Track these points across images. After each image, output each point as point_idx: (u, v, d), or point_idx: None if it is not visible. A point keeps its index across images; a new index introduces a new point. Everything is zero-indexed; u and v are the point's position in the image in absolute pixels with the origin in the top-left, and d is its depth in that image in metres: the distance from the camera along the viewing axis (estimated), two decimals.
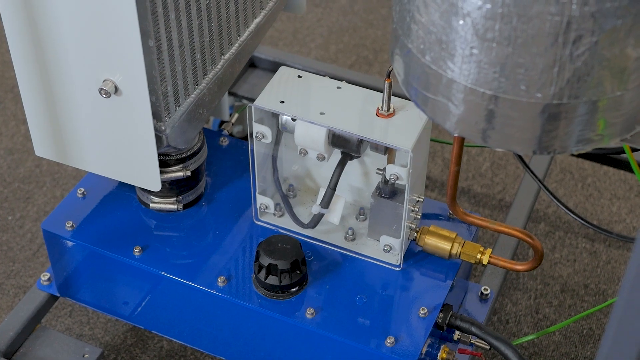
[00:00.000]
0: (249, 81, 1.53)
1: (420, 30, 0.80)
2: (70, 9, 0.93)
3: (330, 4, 1.98)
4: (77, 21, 0.94)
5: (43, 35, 0.97)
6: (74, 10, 0.93)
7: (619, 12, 0.71)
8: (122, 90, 0.97)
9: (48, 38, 0.96)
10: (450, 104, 0.81)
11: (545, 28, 0.73)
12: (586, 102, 0.77)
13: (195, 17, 1.00)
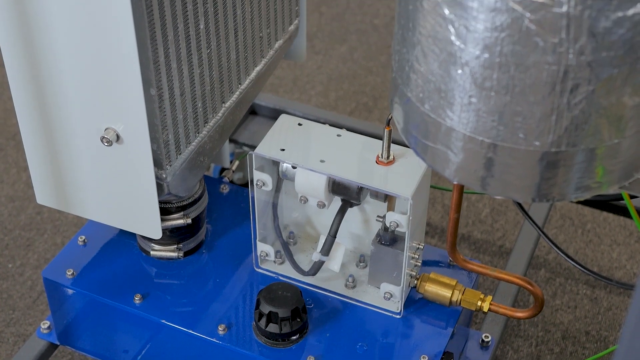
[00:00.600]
0: (250, 128, 1.54)
1: (419, 79, 0.81)
2: (73, 58, 0.94)
3: (330, 52, 2.00)
4: (79, 70, 0.95)
5: (46, 84, 0.98)
6: (77, 59, 0.94)
7: (615, 62, 0.72)
8: (123, 138, 0.97)
9: (51, 86, 0.97)
10: (449, 152, 0.82)
11: (542, 77, 0.73)
12: (584, 150, 0.78)
13: (196, 66, 1.01)
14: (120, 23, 0.88)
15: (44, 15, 0.92)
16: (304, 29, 1.28)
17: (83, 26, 0.91)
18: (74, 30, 0.92)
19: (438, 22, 0.76)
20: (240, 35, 1.09)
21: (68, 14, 0.91)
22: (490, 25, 0.72)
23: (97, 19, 0.90)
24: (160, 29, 0.92)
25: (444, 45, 0.76)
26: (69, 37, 0.93)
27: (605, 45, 0.71)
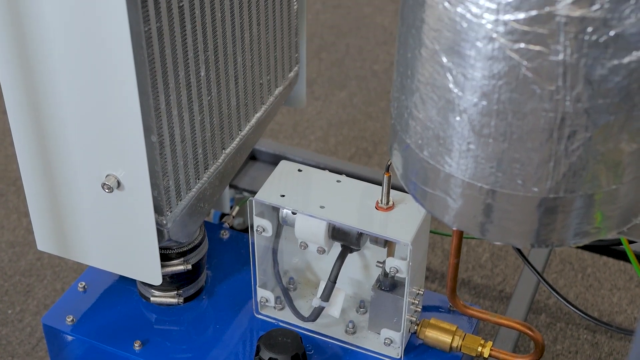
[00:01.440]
0: (250, 174, 1.55)
1: (418, 126, 0.82)
2: (75, 104, 0.95)
3: (329, 97, 2.01)
4: (81, 116, 0.95)
5: (47, 130, 0.98)
6: (79, 106, 0.95)
7: (611, 109, 0.73)
8: (124, 185, 0.98)
9: (52, 132, 0.98)
10: (448, 198, 0.83)
11: (540, 124, 0.74)
12: (582, 196, 0.78)
13: (197, 113, 1.02)
14: (122, 71, 0.89)
15: (47, 62, 0.93)
16: (303, 75, 1.30)
17: (85, 73, 0.92)
18: (77, 77, 0.93)
19: (436, 70, 0.77)
20: (240, 82, 1.10)
21: (71, 62, 0.92)
22: (487, 73, 0.73)
23: (100, 67, 0.91)
24: (162, 77, 0.93)
25: (442, 92, 0.77)
26: (71, 84, 0.93)
27: (602, 92, 0.72)
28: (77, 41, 0.90)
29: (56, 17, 0.89)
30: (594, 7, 0.68)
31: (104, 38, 0.89)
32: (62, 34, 0.90)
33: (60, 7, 0.88)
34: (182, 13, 0.94)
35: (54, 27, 0.90)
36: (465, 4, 0.71)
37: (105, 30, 0.88)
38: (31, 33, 0.92)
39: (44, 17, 0.90)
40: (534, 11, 0.69)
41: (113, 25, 0.87)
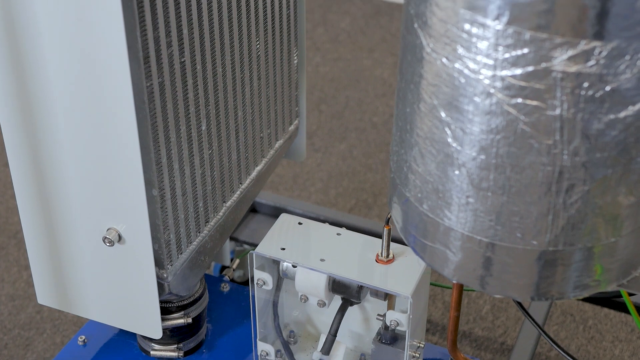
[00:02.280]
0: (250, 226, 1.55)
1: (417, 180, 0.82)
2: (77, 159, 0.96)
3: (329, 149, 2.02)
4: (82, 171, 0.96)
5: (49, 183, 0.99)
6: (81, 160, 0.96)
7: (608, 162, 0.74)
8: (125, 238, 0.98)
9: (54, 186, 0.99)
10: (448, 252, 0.83)
11: (538, 178, 0.75)
12: (581, 249, 0.79)
13: (198, 167, 1.03)
14: (124, 126, 0.90)
15: (50, 116, 0.94)
16: (304, 129, 1.31)
17: (88, 127, 0.93)
18: (79, 132, 0.94)
19: (435, 125, 0.78)
20: (241, 136, 1.11)
21: (74, 116, 0.93)
22: (485, 128, 0.74)
23: (102, 121, 0.92)
24: (163, 131, 0.94)
25: (441, 146, 0.78)
26: (73, 138, 0.94)
27: (599, 146, 0.73)
28: (80, 96, 0.91)
29: (61, 73, 0.90)
30: (589, 63, 0.69)
31: (106, 93, 0.90)
32: (66, 90, 0.91)
33: (64, 62, 0.90)
34: (184, 69, 0.95)
35: (58, 83, 0.91)
36: (463, 60, 0.72)
37: (108, 85, 0.89)
38: (35, 88, 0.93)
39: (49, 73, 0.91)
40: (530, 67, 0.70)
41: (115, 81, 0.88)
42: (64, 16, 0.86)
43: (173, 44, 0.91)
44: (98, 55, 0.88)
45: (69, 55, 0.89)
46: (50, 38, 0.89)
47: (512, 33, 0.69)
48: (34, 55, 0.91)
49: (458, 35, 0.72)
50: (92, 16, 0.85)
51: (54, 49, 0.89)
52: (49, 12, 0.87)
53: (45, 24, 0.88)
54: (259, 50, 1.11)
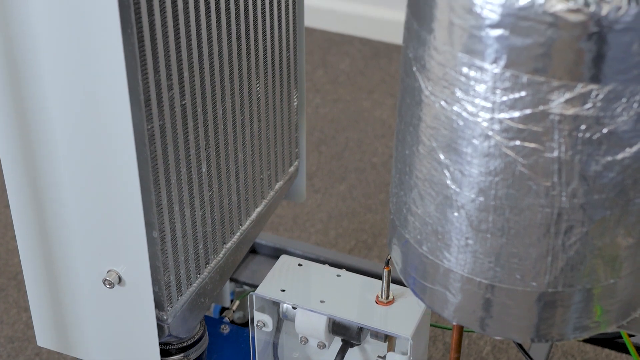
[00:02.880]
0: (250, 267, 1.55)
1: (416, 222, 0.83)
2: (77, 201, 0.96)
3: (329, 190, 2.03)
4: (83, 213, 0.97)
5: (50, 226, 0.99)
6: (81, 202, 0.96)
7: (607, 204, 0.74)
8: (125, 280, 0.98)
9: (54, 228, 0.99)
10: (447, 293, 0.83)
11: (536, 219, 0.75)
12: (581, 290, 0.79)
13: (198, 209, 1.03)
14: (125, 168, 0.91)
15: (52, 159, 0.94)
16: (303, 170, 1.31)
17: (88, 170, 0.93)
18: (80, 175, 0.94)
19: (434, 167, 0.78)
20: (241, 177, 1.12)
21: (75, 159, 0.93)
22: (484, 170, 0.75)
23: (103, 164, 0.92)
24: (164, 173, 0.95)
25: (440, 188, 0.79)
26: (74, 181, 0.95)
27: (597, 188, 0.73)
28: (81, 137, 0.92)
29: (62, 115, 0.91)
30: (586, 105, 0.69)
31: (107, 135, 0.90)
32: (67, 131, 0.92)
33: (66, 104, 0.90)
34: (185, 111, 0.96)
35: (59, 124, 0.92)
36: (461, 103, 0.73)
37: (109, 128, 0.90)
38: (37, 129, 0.93)
39: (51, 114, 0.92)
40: (528, 110, 0.70)
41: (116, 123, 0.89)
42: (66, 59, 0.87)
43: (174, 87, 0.92)
44: (99, 98, 0.88)
45: (71, 96, 0.90)
46: (53, 80, 0.89)
47: (509, 76, 0.70)
48: (35, 96, 0.91)
49: (456, 79, 0.73)
50: (94, 59, 0.86)
51: (56, 90, 0.90)
52: (52, 55, 0.88)
53: (48, 67, 0.89)
54: (259, 93, 1.12)
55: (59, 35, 0.86)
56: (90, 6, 0.83)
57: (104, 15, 0.83)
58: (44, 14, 0.86)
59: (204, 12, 0.95)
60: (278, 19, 1.13)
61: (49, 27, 0.86)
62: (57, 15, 0.85)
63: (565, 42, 0.67)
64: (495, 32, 0.69)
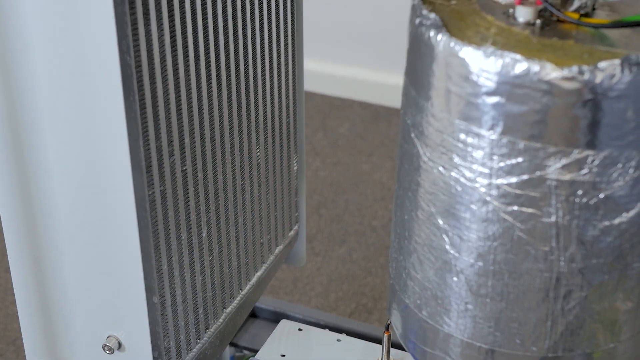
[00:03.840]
0: (250, 331, 1.54)
1: (416, 287, 0.83)
2: (77, 267, 0.96)
3: (329, 253, 2.03)
4: (83, 279, 0.97)
5: (49, 292, 0.99)
6: (82, 268, 0.96)
7: (605, 268, 0.74)
8: (125, 346, 0.98)
9: (54, 294, 0.99)
10: (447, 358, 0.83)
11: (535, 284, 0.76)
12: (581, 355, 0.79)
13: (198, 274, 1.03)
14: (126, 234, 0.91)
15: (52, 223, 0.95)
16: (303, 234, 1.32)
17: (89, 235, 0.94)
18: (80, 240, 0.95)
19: (433, 232, 0.79)
20: (241, 242, 1.12)
21: (76, 223, 0.94)
22: (482, 235, 0.75)
23: (103, 228, 0.93)
24: (164, 239, 0.95)
25: (439, 253, 0.79)
26: (74, 246, 0.95)
27: (595, 252, 0.74)
28: (82, 203, 0.92)
29: (64, 180, 0.92)
30: (582, 171, 0.70)
31: (108, 200, 0.91)
32: (68, 197, 0.93)
33: (67, 170, 0.91)
34: (185, 177, 0.96)
35: (61, 190, 0.93)
36: (459, 169, 0.74)
37: (110, 193, 0.90)
38: (38, 194, 0.94)
39: (52, 181, 0.93)
40: (525, 175, 0.71)
41: (118, 189, 0.89)
42: (69, 124, 0.89)
43: (175, 153, 0.93)
44: (101, 163, 0.89)
45: (73, 161, 0.90)
46: (55, 144, 0.90)
47: (506, 143, 0.71)
48: (38, 161, 0.92)
49: (454, 145, 0.74)
50: (97, 125, 0.87)
51: (59, 154, 0.91)
52: (55, 119, 0.89)
53: (51, 131, 0.90)
54: (260, 158, 1.13)
55: (63, 101, 0.88)
56: (94, 74, 0.85)
57: (107, 83, 0.84)
58: (48, 78, 0.87)
59: (205, 79, 0.96)
60: (278, 84, 1.15)
61: (53, 91, 0.88)
62: (61, 81, 0.87)
63: (561, 109, 0.68)
64: (491, 99, 0.70)
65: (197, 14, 0.91)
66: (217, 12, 0.96)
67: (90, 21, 0.82)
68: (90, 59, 0.84)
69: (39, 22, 0.84)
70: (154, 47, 0.85)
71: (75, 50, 0.84)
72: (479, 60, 0.69)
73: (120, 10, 0.80)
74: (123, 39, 0.81)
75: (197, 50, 0.93)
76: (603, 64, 0.67)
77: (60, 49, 0.85)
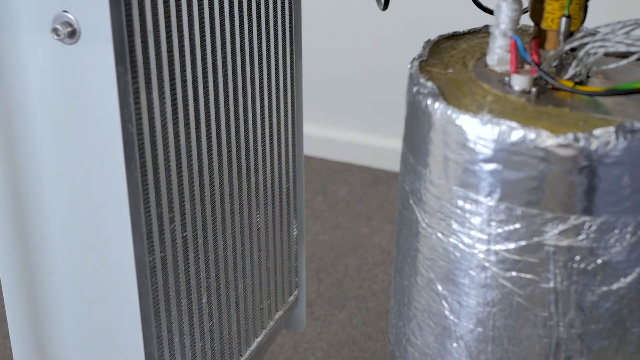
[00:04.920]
0: None
1: (416, 352, 0.83)
2: (78, 333, 0.96)
3: (329, 318, 2.02)
4: (84, 345, 0.97)
5: (50, 358, 0.99)
6: (82, 333, 0.96)
7: (604, 334, 0.74)
8: None
9: (54, 356, 0.99)
10: None
11: (535, 349, 0.75)
12: None
13: (198, 340, 1.03)
14: (126, 301, 0.92)
15: (52, 287, 0.95)
16: (303, 299, 1.32)
17: (89, 301, 0.94)
18: (81, 306, 0.95)
19: (432, 298, 0.79)
20: (241, 307, 1.12)
21: (77, 290, 0.94)
22: (482, 301, 0.75)
23: (104, 295, 0.93)
24: (164, 305, 0.95)
25: (439, 319, 0.79)
26: (75, 312, 0.95)
27: (594, 318, 0.74)
28: (83, 269, 0.93)
29: (65, 246, 0.92)
30: (580, 236, 0.71)
31: (109, 267, 0.91)
32: (70, 263, 0.93)
33: (69, 236, 0.92)
34: (185, 243, 0.97)
35: (62, 256, 0.93)
36: (458, 235, 0.75)
37: (111, 260, 0.91)
38: (39, 260, 0.94)
39: (54, 247, 0.93)
40: (523, 241, 0.72)
41: (119, 255, 0.90)
42: (71, 191, 0.89)
43: (176, 219, 0.94)
44: (102, 230, 0.90)
45: (74, 228, 0.91)
46: (56, 210, 0.91)
47: (504, 209, 0.71)
48: (39, 228, 0.93)
49: (452, 211, 0.74)
50: (98, 192, 0.88)
51: (59, 221, 0.92)
52: (57, 187, 0.90)
53: (53, 198, 0.91)
54: (259, 224, 1.14)
55: (64, 167, 0.89)
56: (96, 141, 0.86)
57: (109, 150, 0.85)
58: (51, 144, 0.88)
59: (206, 145, 0.98)
60: (278, 149, 1.16)
61: (55, 157, 0.89)
62: (63, 147, 0.88)
63: (557, 176, 0.69)
64: (488, 166, 0.71)
65: (198, 81, 0.93)
66: (218, 80, 0.97)
67: (93, 90, 0.83)
68: (92, 127, 0.85)
69: (43, 89, 0.85)
70: (155, 115, 0.86)
71: (78, 117, 0.85)
72: (475, 128, 0.70)
73: (123, 80, 0.81)
74: (125, 108, 0.83)
75: (198, 117, 0.95)
76: (598, 131, 0.68)
77: (63, 116, 0.86)
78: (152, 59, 0.84)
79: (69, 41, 0.81)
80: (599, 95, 0.74)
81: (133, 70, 0.82)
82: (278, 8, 1.09)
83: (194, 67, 0.92)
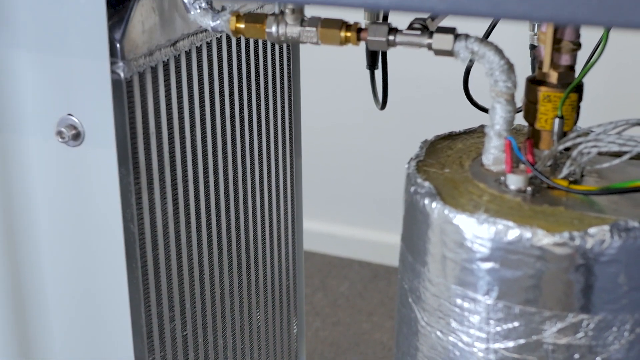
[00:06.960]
0: None
1: None
2: None
3: None
4: None
5: None
6: None
7: None
8: None
9: None
10: None
11: None
12: None
13: None
14: None
15: None
16: None
17: None
18: None
19: None
20: None
21: None
22: None
23: None
24: None
25: None
26: None
27: None
28: (81, 352, 0.93)
29: (65, 347, 0.92)
30: (578, 334, 0.71)
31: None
32: (69, 345, 0.93)
33: (68, 333, 0.92)
34: (186, 342, 0.97)
35: (62, 357, 0.93)
36: (457, 333, 0.75)
37: (112, 359, 0.91)
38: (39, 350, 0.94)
39: (54, 347, 0.93)
40: (522, 339, 0.72)
41: (119, 355, 0.90)
42: (72, 289, 0.90)
43: (176, 318, 0.94)
44: (102, 330, 0.90)
45: (74, 327, 0.91)
46: (57, 307, 0.91)
47: (502, 307, 0.72)
48: (39, 324, 0.93)
49: (451, 310, 0.75)
50: (99, 291, 0.89)
51: (60, 320, 0.92)
52: (58, 283, 0.90)
53: (54, 295, 0.91)
54: (260, 322, 1.14)
55: (66, 265, 0.89)
56: (97, 240, 0.87)
57: (110, 250, 0.86)
58: (52, 243, 0.89)
59: (206, 245, 0.98)
60: (278, 247, 1.17)
61: (56, 255, 0.89)
62: (64, 245, 0.88)
63: (554, 274, 0.70)
64: (486, 265, 0.71)
65: (199, 181, 0.94)
66: (219, 179, 0.99)
67: (96, 191, 0.84)
68: (95, 226, 0.86)
69: (47, 189, 0.87)
70: (157, 214, 0.88)
71: (81, 217, 0.86)
72: (472, 227, 0.71)
73: (126, 181, 0.82)
74: (127, 208, 0.84)
75: (199, 217, 0.96)
76: (593, 229, 0.69)
77: (66, 215, 0.87)
78: (154, 160, 0.85)
79: (73, 143, 0.83)
80: (594, 194, 0.76)
81: (135, 172, 0.83)
82: (278, 108, 1.11)
83: (195, 167, 0.93)
